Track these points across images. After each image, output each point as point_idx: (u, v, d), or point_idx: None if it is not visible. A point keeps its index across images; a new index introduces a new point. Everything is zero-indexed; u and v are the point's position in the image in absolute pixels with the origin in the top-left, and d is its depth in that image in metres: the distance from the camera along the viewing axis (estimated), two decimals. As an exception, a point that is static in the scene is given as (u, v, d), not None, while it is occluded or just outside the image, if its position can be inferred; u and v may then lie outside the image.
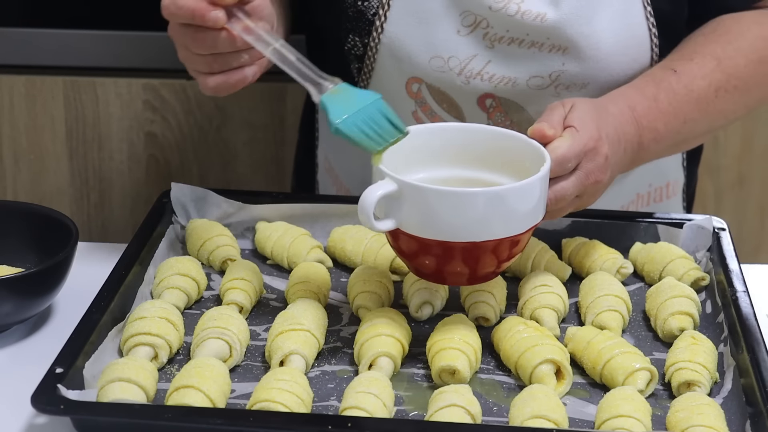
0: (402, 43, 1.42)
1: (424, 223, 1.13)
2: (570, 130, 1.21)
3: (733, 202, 2.16)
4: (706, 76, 1.37)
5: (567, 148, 1.19)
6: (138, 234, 1.33)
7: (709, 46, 1.40)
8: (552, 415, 1.06)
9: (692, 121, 1.37)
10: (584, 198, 1.24)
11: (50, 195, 2.03)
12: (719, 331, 1.23)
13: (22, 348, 1.24)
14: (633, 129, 1.31)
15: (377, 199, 1.12)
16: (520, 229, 1.15)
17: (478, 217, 1.13)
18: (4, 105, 1.98)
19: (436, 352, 1.15)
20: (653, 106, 1.34)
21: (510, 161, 1.21)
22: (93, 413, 1.06)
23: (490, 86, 1.42)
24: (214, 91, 1.26)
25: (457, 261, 1.16)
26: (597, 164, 1.22)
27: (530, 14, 1.37)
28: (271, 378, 1.09)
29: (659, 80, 1.36)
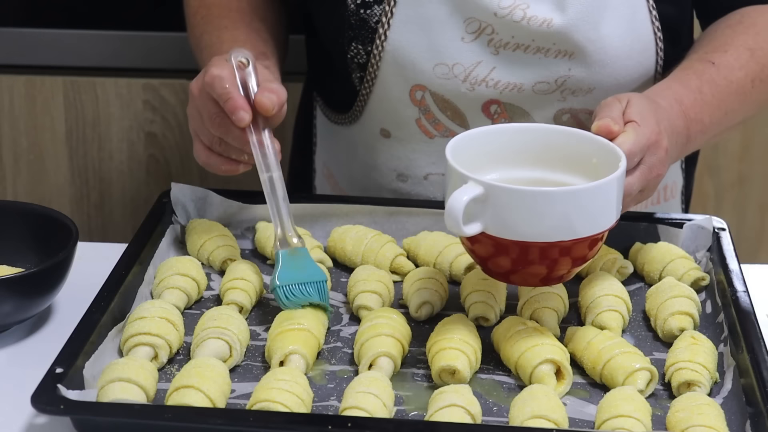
0: (406, 51, 1.41)
1: (510, 225, 1.12)
2: (632, 124, 1.20)
3: (733, 202, 2.16)
4: (743, 67, 1.39)
5: (633, 143, 1.18)
6: (138, 234, 1.33)
7: (739, 38, 1.41)
8: (552, 415, 1.06)
9: (732, 111, 1.39)
10: (646, 192, 1.24)
11: (50, 195, 2.03)
12: (719, 331, 1.23)
13: (22, 348, 1.24)
14: (682, 122, 1.32)
15: (465, 204, 1.10)
16: (603, 226, 1.14)
17: (563, 216, 1.11)
18: (4, 105, 1.98)
19: (436, 352, 1.15)
20: (698, 98, 1.35)
21: (576, 159, 1.20)
22: (93, 413, 1.06)
23: (495, 92, 1.42)
24: (203, 165, 1.30)
25: (536, 261, 1.14)
26: (659, 158, 1.22)
27: (536, 20, 1.37)
28: (271, 378, 1.09)
29: (701, 72, 1.37)
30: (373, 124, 1.50)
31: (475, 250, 1.17)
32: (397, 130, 1.48)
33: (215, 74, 1.24)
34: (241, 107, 1.22)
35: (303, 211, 1.40)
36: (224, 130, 1.25)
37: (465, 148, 1.18)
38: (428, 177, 1.50)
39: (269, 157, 1.24)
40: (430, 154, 1.48)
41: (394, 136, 1.49)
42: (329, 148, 1.62)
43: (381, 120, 1.49)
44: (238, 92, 1.24)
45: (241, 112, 1.22)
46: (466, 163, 1.16)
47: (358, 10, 1.41)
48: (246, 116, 1.22)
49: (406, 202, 1.44)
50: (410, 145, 1.48)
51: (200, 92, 1.27)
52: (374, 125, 1.50)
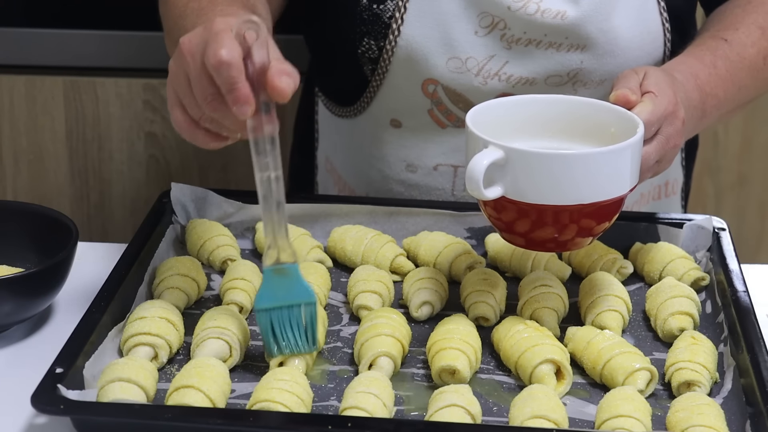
0: (419, 45, 1.42)
1: (531, 189, 1.13)
2: (650, 95, 1.21)
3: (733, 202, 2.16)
4: (754, 44, 1.41)
5: (650, 112, 1.19)
6: (138, 234, 1.33)
7: (749, 17, 1.44)
8: (552, 415, 1.06)
9: (745, 87, 1.41)
10: (663, 163, 1.25)
11: (50, 195, 2.03)
12: (719, 331, 1.23)
13: (22, 348, 1.24)
14: (697, 95, 1.33)
15: (486, 167, 1.11)
16: (622, 190, 1.15)
17: (585, 179, 1.12)
18: (4, 105, 1.98)
19: (436, 352, 1.15)
20: (713, 73, 1.36)
21: (594, 129, 1.21)
22: (93, 413, 1.06)
23: (508, 86, 1.43)
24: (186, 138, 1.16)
25: (558, 225, 1.15)
26: (676, 128, 1.23)
27: (550, 12, 1.38)
28: (271, 378, 1.09)
29: (714, 48, 1.39)
30: (382, 114, 1.50)
31: (494, 214, 1.18)
32: (409, 119, 1.48)
33: (222, 59, 1.05)
34: (245, 100, 1.06)
35: (303, 211, 1.40)
36: (221, 114, 1.09)
37: (484, 118, 1.19)
38: (438, 168, 1.50)
39: (269, 152, 1.10)
40: (441, 144, 1.48)
41: (405, 125, 1.49)
42: (332, 143, 1.62)
43: (392, 110, 1.49)
44: (245, 81, 1.06)
45: (245, 107, 1.06)
46: (485, 131, 1.17)
47: (371, 5, 1.42)
48: (249, 110, 1.06)
49: (406, 202, 1.44)
50: (422, 134, 1.48)
51: (194, 61, 1.08)
52: (383, 116, 1.50)
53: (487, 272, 1.29)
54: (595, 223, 1.16)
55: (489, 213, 1.19)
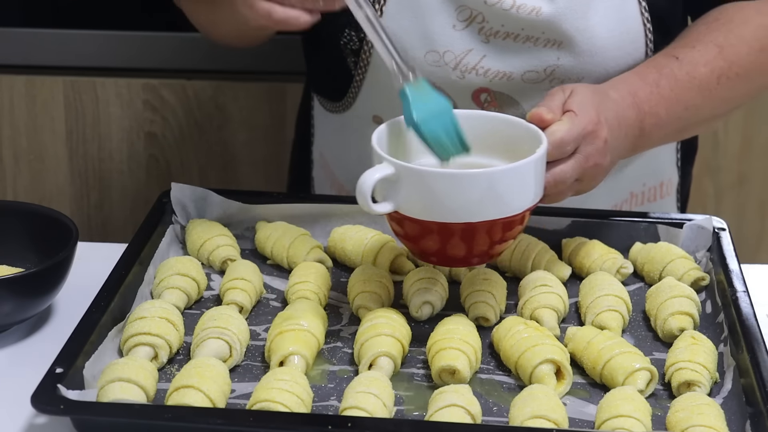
0: (398, 37, 1.42)
1: (421, 206, 1.15)
2: (569, 114, 1.22)
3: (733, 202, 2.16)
4: (708, 63, 1.39)
5: (565, 131, 1.20)
6: (138, 234, 1.33)
7: (711, 34, 1.41)
8: (552, 415, 1.06)
9: (694, 107, 1.38)
10: (584, 182, 1.25)
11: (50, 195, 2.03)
12: (719, 331, 1.23)
13: (22, 348, 1.24)
14: (634, 114, 1.32)
15: (375, 182, 1.13)
16: (515, 210, 1.16)
17: (474, 198, 1.14)
18: (4, 105, 1.98)
19: (436, 352, 1.15)
20: (655, 91, 1.35)
21: (508, 145, 1.22)
22: (93, 413, 1.06)
23: (485, 81, 1.43)
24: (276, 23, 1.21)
25: (453, 243, 1.17)
26: (596, 147, 1.23)
27: (525, 8, 1.38)
28: (271, 378, 1.09)
29: (661, 66, 1.37)
30: (366, 110, 1.50)
31: (397, 230, 1.20)
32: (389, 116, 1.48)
33: None
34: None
35: (303, 211, 1.40)
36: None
37: (399, 134, 1.21)
38: None
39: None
40: None
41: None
42: (325, 138, 1.62)
43: (374, 107, 1.49)
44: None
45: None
46: (403, 145, 1.20)
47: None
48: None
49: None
50: None
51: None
52: (367, 112, 1.50)
53: (487, 272, 1.29)
54: (488, 240, 1.18)
55: (392, 228, 1.21)
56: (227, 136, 2.00)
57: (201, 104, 1.98)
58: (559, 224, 1.39)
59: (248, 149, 2.01)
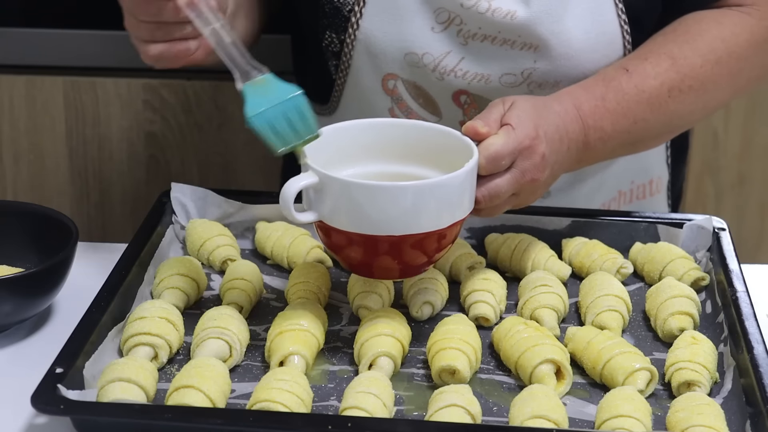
0: (377, 40, 1.42)
1: (346, 217, 1.14)
2: (506, 128, 1.21)
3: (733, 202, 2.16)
4: (658, 76, 1.36)
5: (501, 145, 1.19)
6: (138, 234, 1.33)
7: (666, 46, 1.38)
8: (552, 415, 1.06)
9: (643, 120, 1.36)
10: (522, 196, 1.24)
11: (50, 195, 2.03)
12: (719, 331, 1.23)
13: (22, 348, 1.24)
14: (578, 127, 1.30)
15: (297, 190, 1.12)
16: (442, 224, 1.15)
17: (400, 210, 1.13)
18: (4, 105, 1.98)
19: (436, 352, 1.15)
20: (600, 105, 1.33)
21: (442, 157, 1.21)
22: (93, 413, 1.06)
23: (464, 83, 1.42)
24: (156, 60, 1.24)
25: (381, 254, 1.16)
26: (533, 163, 1.22)
27: (500, 12, 1.37)
28: (271, 378, 1.09)
29: (609, 79, 1.35)
30: (350, 114, 1.50)
31: (324, 239, 1.19)
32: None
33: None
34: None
35: (303, 211, 1.40)
36: (155, 10, 1.19)
37: (332, 142, 1.20)
38: None
39: (204, 13, 1.16)
40: None
41: None
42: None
43: (356, 111, 1.49)
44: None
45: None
46: (334, 154, 1.19)
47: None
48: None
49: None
50: None
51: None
52: (351, 115, 1.50)
53: (487, 272, 1.29)
54: (418, 253, 1.16)
55: (320, 237, 1.20)
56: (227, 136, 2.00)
57: (201, 104, 1.98)
58: (559, 224, 1.39)
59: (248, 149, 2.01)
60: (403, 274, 1.21)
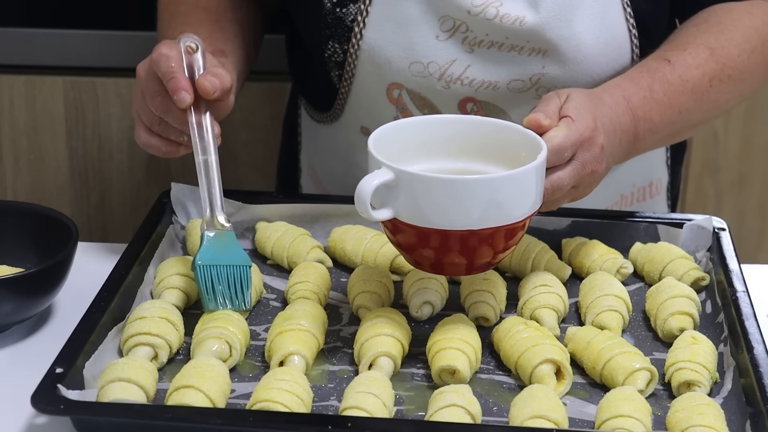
0: (381, 49, 1.41)
1: (420, 212, 1.13)
2: (566, 120, 1.21)
3: (733, 202, 2.16)
4: (700, 66, 1.37)
5: (563, 137, 1.19)
6: (138, 234, 1.33)
7: (701, 36, 1.39)
8: (552, 415, 1.06)
9: (687, 111, 1.37)
10: (580, 189, 1.24)
11: (50, 195, 2.03)
12: (719, 331, 1.23)
13: (22, 348, 1.24)
14: (629, 119, 1.31)
15: (374, 188, 1.12)
16: (516, 217, 1.15)
17: (474, 205, 1.12)
18: (4, 105, 1.98)
19: (436, 352, 1.15)
20: (648, 96, 1.33)
21: (506, 152, 1.21)
22: (93, 413, 1.06)
23: (471, 90, 1.42)
24: (143, 146, 1.31)
25: (453, 250, 1.15)
26: (593, 154, 1.22)
27: (509, 18, 1.37)
28: (271, 378, 1.09)
29: (654, 71, 1.36)
30: (354, 122, 1.50)
31: (391, 237, 1.19)
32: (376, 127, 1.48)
33: (163, 53, 1.25)
34: (183, 88, 1.23)
35: (303, 211, 1.40)
36: (165, 109, 1.26)
37: (393, 139, 1.20)
38: None
39: (207, 140, 1.24)
40: None
41: None
42: (313, 148, 1.62)
43: (361, 118, 1.49)
44: (183, 73, 1.25)
45: (182, 93, 1.23)
46: (399, 150, 1.18)
47: (335, 8, 1.42)
48: (187, 97, 1.23)
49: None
50: None
51: (146, 72, 1.27)
52: (355, 123, 1.50)
53: (487, 272, 1.28)
54: (489, 248, 1.16)
55: (388, 236, 1.19)
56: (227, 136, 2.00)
57: (201, 104, 1.98)
58: (559, 224, 1.39)
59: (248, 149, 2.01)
60: (472, 270, 1.19)
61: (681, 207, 2.11)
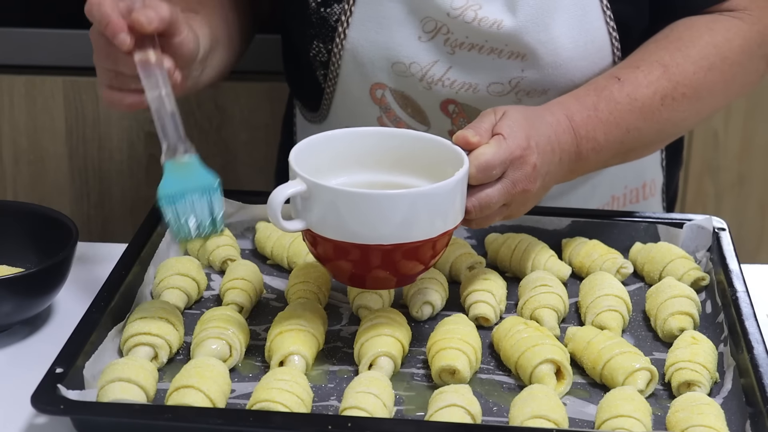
0: (364, 50, 1.41)
1: (333, 225, 1.12)
2: (497, 137, 1.19)
3: (733, 202, 2.16)
4: (651, 84, 1.34)
5: (492, 155, 1.17)
6: (138, 234, 1.33)
7: (657, 53, 1.36)
8: (552, 415, 1.06)
9: (636, 129, 1.34)
10: (512, 207, 1.23)
11: (50, 195, 2.03)
12: (719, 331, 1.23)
13: (22, 348, 1.24)
14: (570, 138, 1.28)
15: (285, 198, 1.11)
16: (431, 233, 1.13)
17: (389, 219, 1.11)
18: (4, 105, 1.98)
19: (436, 352, 1.15)
20: (592, 115, 1.31)
21: (433, 166, 1.19)
22: (93, 413, 1.06)
23: (452, 92, 1.42)
24: (108, 105, 1.26)
25: (367, 264, 1.14)
26: (524, 173, 1.20)
27: (487, 21, 1.36)
28: (271, 378, 1.09)
29: (601, 89, 1.33)
30: (340, 122, 1.50)
31: (311, 248, 1.18)
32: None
33: (90, 4, 1.19)
34: (120, 29, 1.17)
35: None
36: (113, 60, 1.21)
37: (329, 148, 1.19)
38: None
39: (156, 75, 1.18)
40: None
41: None
42: None
43: (346, 118, 1.49)
44: (117, 15, 1.18)
45: (121, 35, 1.16)
46: (325, 163, 1.18)
47: (319, 8, 1.42)
48: (126, 38, 1.17)
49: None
50: None
51: (92, 32, 1.22)
52: (340, 124, 1.50)
53: (487, 272, 1.29)
54: (403, 263, 1.15)
55: (307, 246, 1.18)
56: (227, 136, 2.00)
57: (201, 104, 1.98)
58: (559, 224, 1.39)
59: (248, 149, 2.01)
60: (394, 284, 1.19)
61: (681, 207, 2.11)
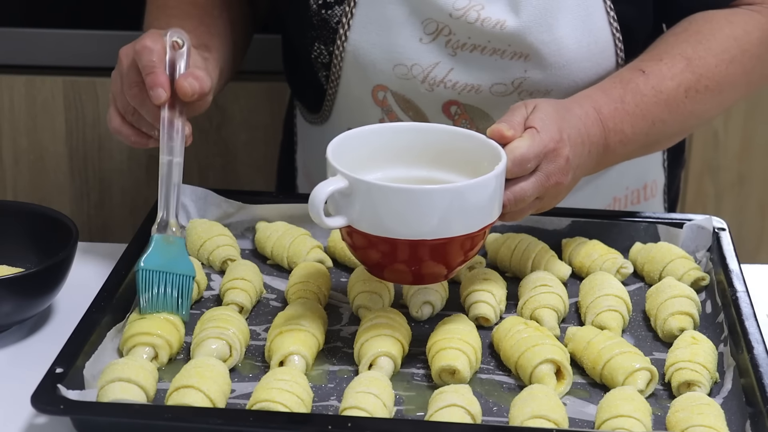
0: (365, 51, 1.41)
1: (375, 221, 1.12)
2: (530, 131, 1.20)
3: (733, 202, 2.16)
4: (675, 77, 1.35)
5: (526, 148, 1.18)
6: (138, 234, 1.33)
7: (679, 46, 1.37)
8: (552, 415, 1.06)
9: (661, 122, 1.35)
10: (545, 200, 1.23)
11: (50, 195, 2.03)
12: (719, 331, 1.23)
13: (22, 348, 1.24)
14: (598, 131, 1.29)
15: (327, 195, 1.11)
16: (472, 227, 1.14)
17: (430, 215, 1.11)
18: (4, 105, 1.98)
19: (436, 352, 1.15)
20: (619, 107, 1.32)
21: (468, 161, 1.20)
22: (93, 413, 1.06)
23: (454, 93, 1.42)
24: (113, 132, 1.29)
25: (408, 259, 1.14)
26: (557, 166, 1.21)
27: (490, 22, 1.36)
28: (271, 378, 1.09)
29: (626, 82, 1.34)
30: (341, 124, 1.50)
31: (349, 242, 1.18)
32: None
33: (146, 45, 1.24)
34: (160, 84, 1.22)
35: (303, 211, 1.39)
36: (140, 101, 1.25)
37: (365, 144, 1.19)
38: None
39: (175, 141, 1.23)
40: None
41: None
42: (307, 148, 1.63)
43: (348, 120, 1.49)
44: (163, 69, 1.23)
45: (159, 89, 1.22)
46: (361, 158, 1.18)
47: (320, 10, 1.42)
48: (163, 94, 1.22)
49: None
50: None
51: (128, 60, 1.26)
52: (342, 125, 1.50)
53: (487, 272, 1.29)
54: (443, 258, 1.15)
55: (345, 242, 1.19)
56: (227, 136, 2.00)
57: (201, 104, 1.98)
58: (559, 224, 1.39)
59: (248, 149, 2.01)
60: (429, 281, 1.19)
61: (681, 207, 2.11)
